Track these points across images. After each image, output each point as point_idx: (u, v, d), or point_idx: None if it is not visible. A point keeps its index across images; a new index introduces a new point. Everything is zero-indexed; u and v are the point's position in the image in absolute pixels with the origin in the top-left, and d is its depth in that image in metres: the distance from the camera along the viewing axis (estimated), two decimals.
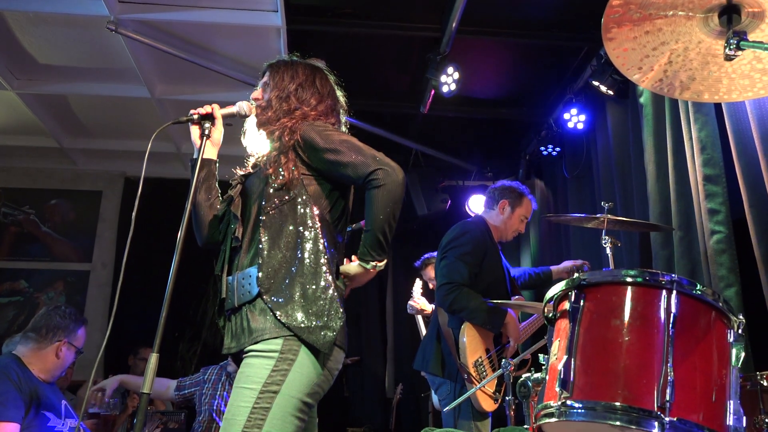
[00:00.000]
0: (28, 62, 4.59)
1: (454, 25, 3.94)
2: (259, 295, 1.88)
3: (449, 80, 4.44)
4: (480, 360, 3.22)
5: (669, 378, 1.50)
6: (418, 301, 4.74)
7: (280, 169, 1.99)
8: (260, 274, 1.89)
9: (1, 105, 5.14)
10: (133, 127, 5.63)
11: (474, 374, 3.15)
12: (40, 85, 4.88)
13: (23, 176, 6.35)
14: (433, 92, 4.61)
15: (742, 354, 1.62)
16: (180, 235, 1.86)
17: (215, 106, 2.14)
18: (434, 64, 4.36)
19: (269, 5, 3.96)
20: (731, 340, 1.64)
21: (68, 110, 5.36)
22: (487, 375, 3.17)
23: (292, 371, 1.79)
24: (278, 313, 1.83)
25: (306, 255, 1.91)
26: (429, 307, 4.70)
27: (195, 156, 2.10)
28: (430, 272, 4.85)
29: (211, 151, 2.15)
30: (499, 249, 3.64)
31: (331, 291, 1.89)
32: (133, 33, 4.07)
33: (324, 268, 1.91)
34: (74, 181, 6.42)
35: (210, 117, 2.12)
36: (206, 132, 2.10)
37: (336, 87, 2.29)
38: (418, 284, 4.84)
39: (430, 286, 4.90)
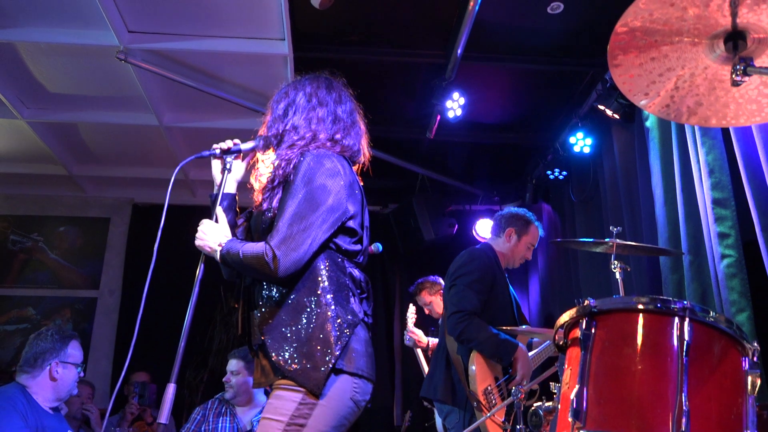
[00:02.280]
0: (38, 91, 4.65)
1: (459, 51, 3.98)
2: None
3: (455, 105, 4.47)
4: (489, 388, 3.18)
5: (684, 408, 1.48)
6: (415, 332, 4.70)
7: (274, 202, 1.95)
8: (259, 316, 1.90)
9: (12, 133, 5.20)
10: (141, 154, 5.67)
11: (484, 402, 3.11)
12: (50, 113, 4.93)
13: (32, 204, 6.39)
14: (438, 117, 4.63)
15: (758, 382, 1.59)
16: (199, 270, 1.89)
17: (238, 141, 2.11)
18: (440, 89, 4.40)
19: (276, 33, 4.01)
20: (746, 368, 1.61)
21: (77, 138, 5.41)
22: (497, 403, 3.13)
23: (319, 405, 1.78)
24: (273, 354, 1.81)
25: (299, 291, 1.88)
26: (425, 340, 4.67)
27: (215, 191, 2.08)
28: (425, 297, 4.84)
29: (231, 186, 2.11)
30: (506, 276, 3.62)
31: (327, 327, 1.83)
32: (142, 62, 4.12)
33: (323, 302, 1.86)
34: (82, 209, 6.45)
35: (230, 152, 2.09)
36: (228, 167, 2.08)
37: (339, 88, 2.19)
38: (411, 310, 4.81)
39: (426, 311, 4.88)
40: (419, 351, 4.71)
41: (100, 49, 4.02)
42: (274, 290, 1.92)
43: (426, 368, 4.50)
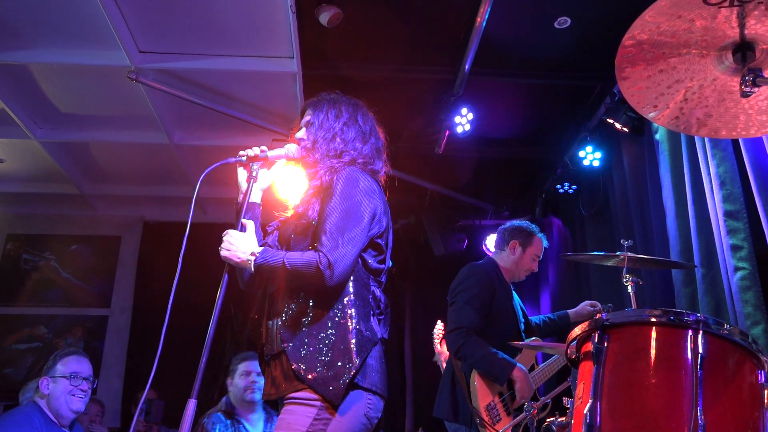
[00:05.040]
0: (51, 111, 4.71)
1: (467, 66, 4.00)
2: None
3: (463, 121, 4.48)
4: (492, 404, 3.16)
5: (699, 422, 1.45)
6: (443, 353, 4.64)
7: (309, 210, 1.99)
8: (280, 324, 1.89)
9: (25, 153, 5.26)
10: (152, 172, 5.71)
11: (486, 419, 3.08)
12: (62, 133, 4.99)
13: (44, 222, 6.44)
14: (447, 133, 4.64)
15: None
16: (222, 282, 1.89)
17: (265, 148, 2.13)
18: (448, 105, 4.41)
19: (285, 52, 4.05)
20: (762, 381, 1.59)
21: (89, 157, 5.47)
22: (500, 418, 3.11)
23: (333, 421, 1.78)
24: (293, 363, 1.81)
25: (325, 302, 1.89)
26: None
27: (240, 199, 2.09)
28: None
29: (256, 195, 2.13)
30: (512, 289, 3.61)
31: (349, 339, 1.84)
32: (153, 82, 4.17)
33: (347, 314, 1.87)
34: (94, 227, 6.49)
35: (258, 159, 2.10)
36: (254, 174, 2.10)
37: (369, 115, 2.28)
38: (439, 326, 4.75)
39: None
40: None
41: (112, 69, 4.07)
42: (299, 300, 1.91)
43: None
